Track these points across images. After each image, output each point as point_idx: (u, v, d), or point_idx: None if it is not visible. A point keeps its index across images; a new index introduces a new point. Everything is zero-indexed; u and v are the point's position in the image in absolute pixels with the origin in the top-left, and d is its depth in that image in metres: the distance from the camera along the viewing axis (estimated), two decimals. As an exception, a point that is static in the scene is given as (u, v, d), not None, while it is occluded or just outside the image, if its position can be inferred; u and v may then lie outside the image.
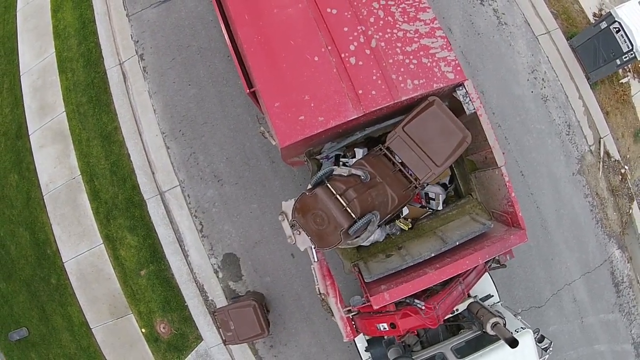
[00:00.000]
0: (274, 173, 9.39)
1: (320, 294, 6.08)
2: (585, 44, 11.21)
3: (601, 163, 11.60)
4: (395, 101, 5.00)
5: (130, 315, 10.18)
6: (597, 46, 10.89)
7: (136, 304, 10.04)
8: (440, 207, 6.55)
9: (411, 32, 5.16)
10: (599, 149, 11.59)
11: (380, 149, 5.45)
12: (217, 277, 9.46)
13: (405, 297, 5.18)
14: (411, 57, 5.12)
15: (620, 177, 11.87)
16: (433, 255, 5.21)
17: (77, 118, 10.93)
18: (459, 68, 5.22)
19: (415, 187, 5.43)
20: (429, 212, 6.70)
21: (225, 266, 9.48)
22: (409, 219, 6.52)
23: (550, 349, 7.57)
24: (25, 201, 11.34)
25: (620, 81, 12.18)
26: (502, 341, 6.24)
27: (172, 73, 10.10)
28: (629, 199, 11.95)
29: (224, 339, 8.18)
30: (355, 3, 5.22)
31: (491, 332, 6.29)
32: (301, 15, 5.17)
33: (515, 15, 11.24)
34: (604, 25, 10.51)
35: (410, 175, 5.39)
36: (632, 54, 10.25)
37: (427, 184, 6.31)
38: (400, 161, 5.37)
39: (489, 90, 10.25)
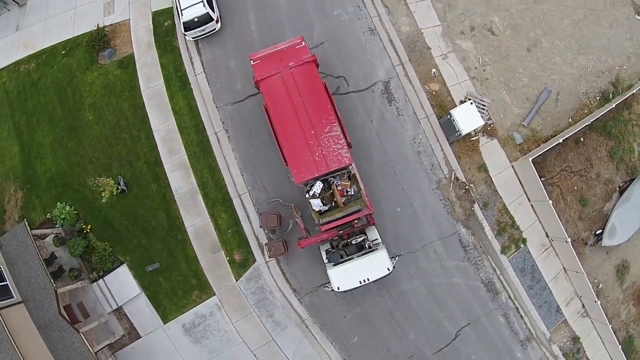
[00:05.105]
0: (291, 188, 21.45)
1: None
2: (444, 122, 22.92)
3: (452, 184, 23.16)
4: (328, 170, 17.51)
5: (221, 251, 22.04)
6: (449, 125, 22.57)
7: (225, 246, 22.02)
8: (352, 193, 18.58)
9: (335, 147, 17.41)
10: (451, 176, 23.16)
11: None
12: (265, 232, 21.51)
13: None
14: (334, 154, 17.44)
15: (464, 190, 23.31)
16: (341, 216, 17.59)
17: (194, 158, 22.67)
18: (350, 157, 17.56)
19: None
20: (349, 196, 18.74)
21: (268, 227, 21.60)
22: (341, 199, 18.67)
23: (396, 258, 19.48)
24: (162, 198, 22.69)
25: (471, 139, 23.79)
26: (375, 251, 18.20)
27: (243, 140, 22.25)
28: (470, 202, 23.36)
29: (269, 255, 20.31)
30: (317, 135, 17.52)
31: (367, 248, 18.39)
32: (303, 142, 17.42)
33: (408, 109, 22.94)
34: (448, 116, 22.22)
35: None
36: (459, 133, 21.97)
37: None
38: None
39: (389, 150, 22.15)
